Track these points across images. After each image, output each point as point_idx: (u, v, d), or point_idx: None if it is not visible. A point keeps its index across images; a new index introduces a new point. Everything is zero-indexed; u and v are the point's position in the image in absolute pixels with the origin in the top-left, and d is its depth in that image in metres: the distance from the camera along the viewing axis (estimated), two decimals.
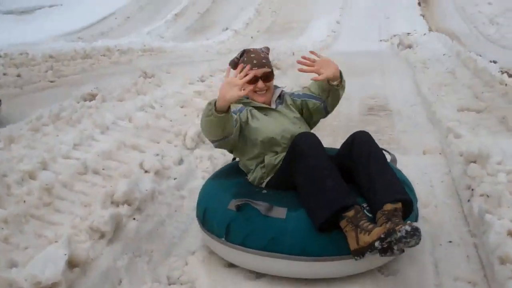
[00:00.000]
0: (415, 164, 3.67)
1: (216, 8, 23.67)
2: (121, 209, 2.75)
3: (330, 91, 2.90)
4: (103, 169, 3.34)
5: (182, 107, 4.82)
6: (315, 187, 2.43)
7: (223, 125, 2.56)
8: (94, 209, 2.71)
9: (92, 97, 5.01)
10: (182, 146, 3.87)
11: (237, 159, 3.05)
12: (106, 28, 20.90)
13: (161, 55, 12.11)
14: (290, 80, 7.69)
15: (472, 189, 2.90)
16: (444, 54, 8.16)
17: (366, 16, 20.06)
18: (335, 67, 2.76)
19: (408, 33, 16.65)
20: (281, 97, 3.04)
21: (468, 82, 5.87)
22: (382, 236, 2.16)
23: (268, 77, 2.90)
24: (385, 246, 2.17)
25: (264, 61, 2.90)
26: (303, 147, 2.52)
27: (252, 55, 2.91)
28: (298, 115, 2.98)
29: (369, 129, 4.56)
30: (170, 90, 5.32)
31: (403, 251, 2.19)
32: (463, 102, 4.99)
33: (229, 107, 2.49)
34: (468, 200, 2.89)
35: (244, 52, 3.00)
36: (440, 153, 3.87)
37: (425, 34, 16.02)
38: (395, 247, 2.16)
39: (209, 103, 2.50)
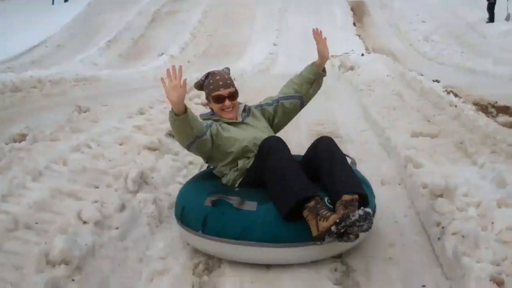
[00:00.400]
0: (375, 196, 3.49)
1: (150, 33, 23.29)
2: (58, 271, 2.45)
3: (316, 79, 3.72)
4: (36, 222, 3.00)
5: (121, 144, 4.52)
6: (280, 182, 2.83)
7: (189, 125, 2.94)
8: (27, 272, 2.39)
9: (23, 137, 4.63)
10: (124, 189, 3.55)
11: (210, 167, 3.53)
12: (37, 56, 20.19)
13: (96, 84, 11.64)
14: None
15: (443, 227, 2.73)
16: (388, 75, 8.13)
17: (302, 37, 20.13)
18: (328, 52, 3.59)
19: (346, 53, 16.84)
20: (245, 110, 3.51)
21: (417, 104, 5.81)
22: (337, 221, 2.53)
23: (233, 96, 3.39)
24: (341, 230, 2.54)
25: (228, 81, 3.39)
26: (269, 148, 2.98)
27: (217, 77, 3.38)
28: (266, 124, 3.50)
29: None
30: (107, 126, 4.99)
31: (357, 236, 2.62)
32: (415, 126, 4.88)
33: (185, 108, 2.89)
34: (439, 238, 2.72)
35: (209, 75, 3.49)
36: (399, 184, 3.70)
37: (363, 54, 16.19)
38: (350, 231, 2.55)
39: (169, 112, 2.93)
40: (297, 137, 5.38)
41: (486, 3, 21.43)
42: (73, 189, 3.44)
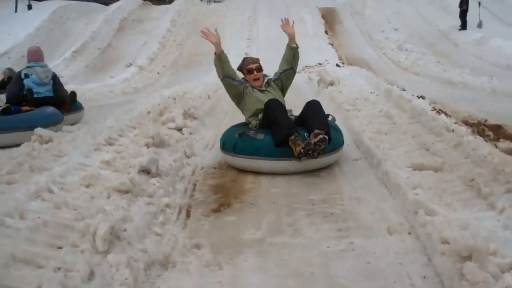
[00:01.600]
0: (383, 250, 3.04)
1: (118, 43, 22.69)
2: None
3: (294, 53, 5.51)
4: None
5: (87, 186, 3.95)
6: (275, 124, 4.77)
7: (222, 64, 5.28)
8: None
9: None
10: (92, 249, 2.99)
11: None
12: None
13: None
14: (211, 131, 6.98)
15: None
16: (371, 93, 7.69)
17: (274, 47, 19.74)
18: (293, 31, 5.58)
19: (320, 64, 16.49)
20: (267, 82, 5.43)
21: (410, 128, 5.36)
22: (304, 145, 4.41)
23: (259, 68, 5.39)
24: (308, 152, 4.42)
25: (256, 60, 5.52)
26: (269, 106, 4.89)
27: (249, 59, 5.57)
28: (279, 92, 5.43)
29: (314, 199, 3.93)
30: (71, 161, 4.41)
31: (319, 153, 4.49)
32: (415, 157, 4.43)
33: (221, 51, 5.30)
34: None
35: (244, 59, 5.68)
36: (409, 233, 3.22)
37: (338, 65, 15.85)
38: (313, 150, 4.41)
39: (214, 54, 5.30)
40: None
41: (458, 10, 21.39)
42: (31, 252, 2.87)
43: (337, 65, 15.95)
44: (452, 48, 19.32)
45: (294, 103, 5.84)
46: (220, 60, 5.24)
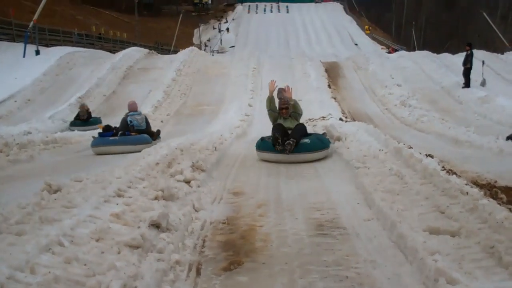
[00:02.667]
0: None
1: (123, 91, 22.85)
2: None
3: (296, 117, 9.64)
4: None
5: (98, 240, 3.88)
6: (272, 133, 8.95)
7: (269, 102, 9.54)
8: None
9: None
10: None
11: None
12: (5, 111, 19.51)
13: (66, 147, 11.08)
14: (219, 184, 6.93)
15: None
16: (380, 150, 7.66)
17: (277, 99, 19.95)
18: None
19: (324, 117, 16.54)
20: (290, 114, 9.37)
21: (422, 189, 5.30)
22: (278, 146, 8.58)
23: (287, 107, 9.33)
24: (281, 149, 8.53)
25: (286, 100, 9.43)
26: (275, 126, 9.14)
27: (282, 101, 9.48)
28: (294, 120, 9.36)
29: (327, 261, 3.84)
30: (81, 213, 4.35)
31: (289, 151, 8.52)
32: (430, 220, 4.35)
33: (272, 95, 9.60)
34: None
35: (281, 99, 9.58)
36: None
37: (341, 119, 15.91)
38: (285, 148, 8.51)
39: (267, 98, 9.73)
40: (294, 229, 4.77)
41: (460, 68, 21.65)
42: None
43: (340, 119, 16.01)
44: (456, 106, 19.45)
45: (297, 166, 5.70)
46: (270, 101, 9.56)
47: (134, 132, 11.55)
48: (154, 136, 12.21)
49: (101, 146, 10.88)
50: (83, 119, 17.35)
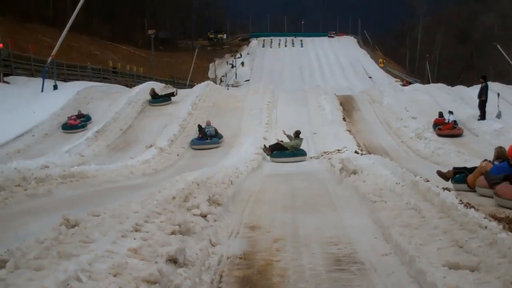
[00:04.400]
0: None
1: (139, 124, 23.07)
2: None
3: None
4: None
5: (115, 275, 3.89)
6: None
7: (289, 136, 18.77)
8: None
9: (3, 263, 4.00)
10: None
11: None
12: (23, 145, 19.79)
13: (83, 181, 11.12)
14: (235, 218, 6.93)
15: None
16: (397, 183, 7.63)
17: (291, 131, 20.02)
18: None
19: (339, 150, 16.54)
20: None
21: (440, 224, 5.26)
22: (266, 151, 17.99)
23: (298, 135, 18.47)
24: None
25: (298, 132, 18.62)
26: (276, 143, 18.26)
27: (297, 132, 18.56)
28: (300, 141, 18.29)
29: None
30: (99, 248, 4.37)
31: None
32: (449, 255, 4.31)
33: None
34: None
35: (296, 131, 18.61)
36: None
37: (357, 152, 15.89)
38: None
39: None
40: (311, 263, 4.75)
41: (475, 100, 21.63)
42: None
43: (355, 152, 16.00)
44: (471, 138, 19.38)
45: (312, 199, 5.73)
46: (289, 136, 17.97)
47: (209, 137, 20.30)
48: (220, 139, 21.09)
49: (198, 145, 20.01)
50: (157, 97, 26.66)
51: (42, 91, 26.93)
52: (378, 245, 5.25)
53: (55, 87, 27.68)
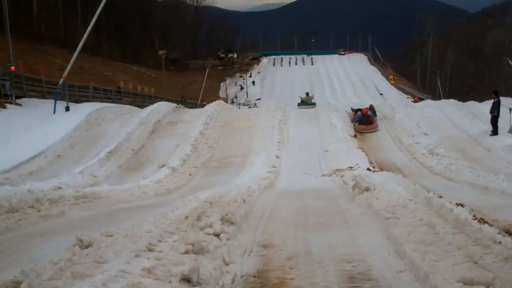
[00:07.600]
0: None
1: (151, 144, 23.12)
2: None
3: None
4: None
5: None
6: None
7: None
8: None
9: (17, 285, 4.02)
10: None
11: None
12: (35, 167, 19.81)
13: (96, 201, 11.15)
14: (248, 237, 6.92)
15: None
16: (410, 200, 7.60)
17: (304, 149, 19.99)
18: None
19: (351, 167, 16.50)
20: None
21: (454, 240, 5.23)
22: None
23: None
24: None
25: None
26: None
27: None
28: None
29: None
30: (113, 268, 4.39)
31: None
32: (463, 270, 4.29)
33: None
34: None
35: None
36: None
37: (369, 169, 15.84)
38: None
39: None
40: (325, 282, 4.75)
41: (487, 116, 21.52)
42: None
43: (368, 169, 15.94)
44: (484, 153, 19.24)
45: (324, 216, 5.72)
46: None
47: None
48: None
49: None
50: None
51: (54, 112, 27.17)
52: (392, 262, 5.22)
53: (67, 109, 27.93)
